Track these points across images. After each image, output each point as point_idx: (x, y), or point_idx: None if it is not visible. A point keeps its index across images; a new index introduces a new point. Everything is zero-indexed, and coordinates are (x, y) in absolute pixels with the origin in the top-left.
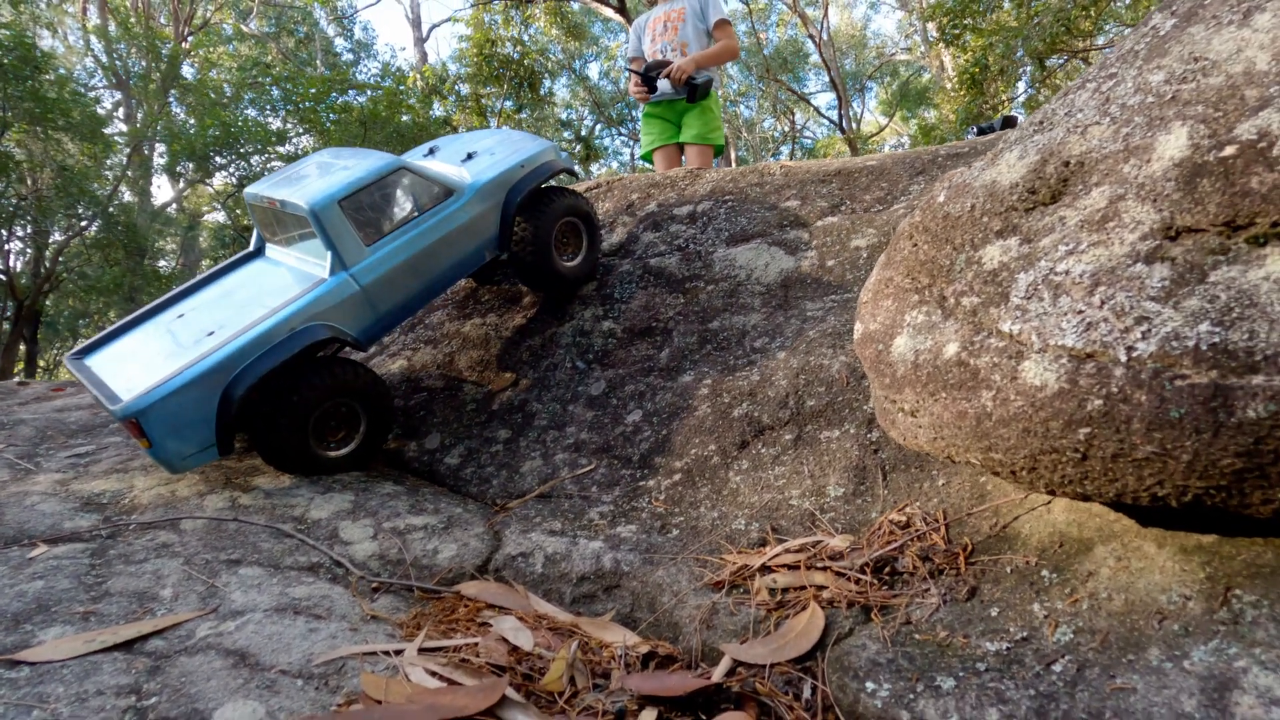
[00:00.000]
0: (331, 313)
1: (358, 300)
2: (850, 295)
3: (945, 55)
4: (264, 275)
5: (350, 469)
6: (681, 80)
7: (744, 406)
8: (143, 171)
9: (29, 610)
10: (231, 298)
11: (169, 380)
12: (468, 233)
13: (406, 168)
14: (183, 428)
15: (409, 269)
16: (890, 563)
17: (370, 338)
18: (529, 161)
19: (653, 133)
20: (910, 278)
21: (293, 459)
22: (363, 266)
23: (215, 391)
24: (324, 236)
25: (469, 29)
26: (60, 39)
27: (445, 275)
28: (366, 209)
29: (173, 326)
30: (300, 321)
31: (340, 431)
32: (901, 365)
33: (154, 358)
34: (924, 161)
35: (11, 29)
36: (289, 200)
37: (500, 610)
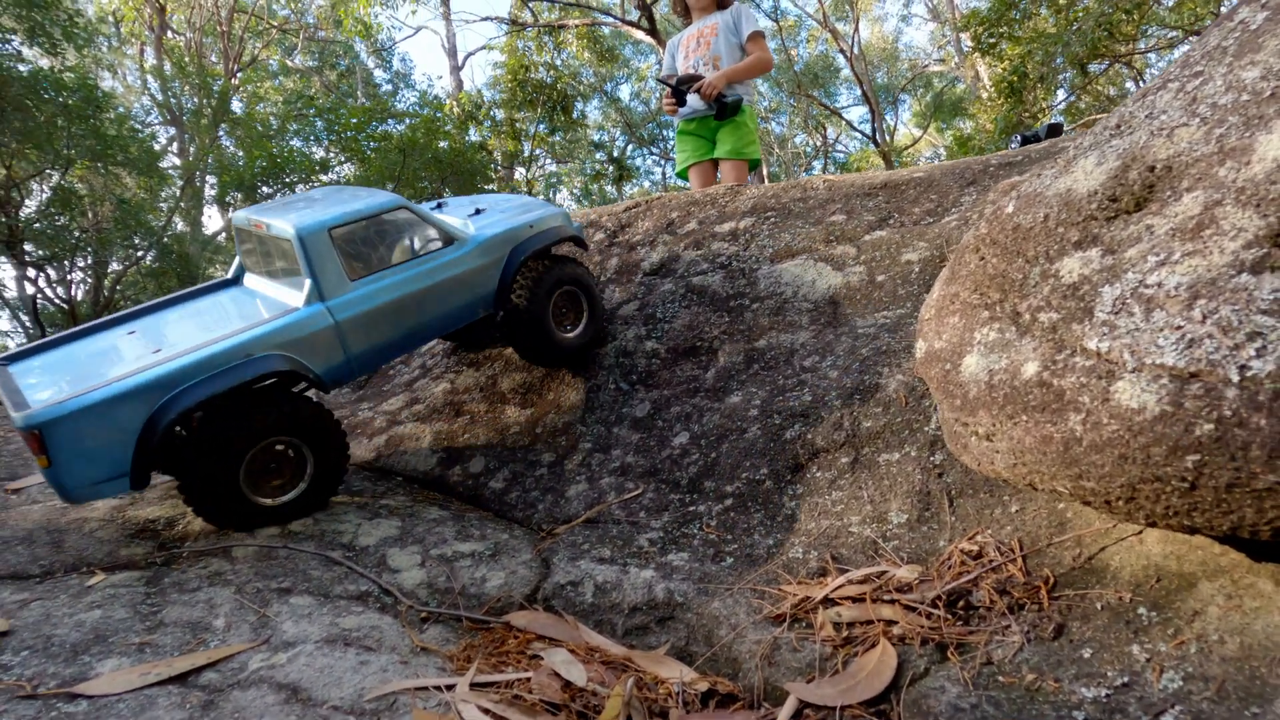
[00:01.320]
0: (298, 345)
1: (330, 336)
2: (903, 311)
3: (980, 65)
4: (236, 302)
5: (288, 520)
6: (712, 96)
7: (796, 428)
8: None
9: (87, 641)
10: (193, 320)
11: (90, 392)
12: (464, 285)
13: (408, 208)
14: (94, 449)
15: (393, 311)
16: (964, 596)
17: (335, 379)
18: (538, 223)
19: (687, 149)
20: (979, 293)
21: (219, 505)
22: (343, 300)
23: (142, 413)
24: (306, 263)
25: (503, 56)
26: (120, 79)
27: (431, 325)
28: (358, 242)
29: (120, 341)
30: (259, 349)
31: (281, 476)
32: (974, 386)
33: (83, 370)
34: (975, 171)
35: (76, 72)
36: (275, 224)
37: (551, 642)
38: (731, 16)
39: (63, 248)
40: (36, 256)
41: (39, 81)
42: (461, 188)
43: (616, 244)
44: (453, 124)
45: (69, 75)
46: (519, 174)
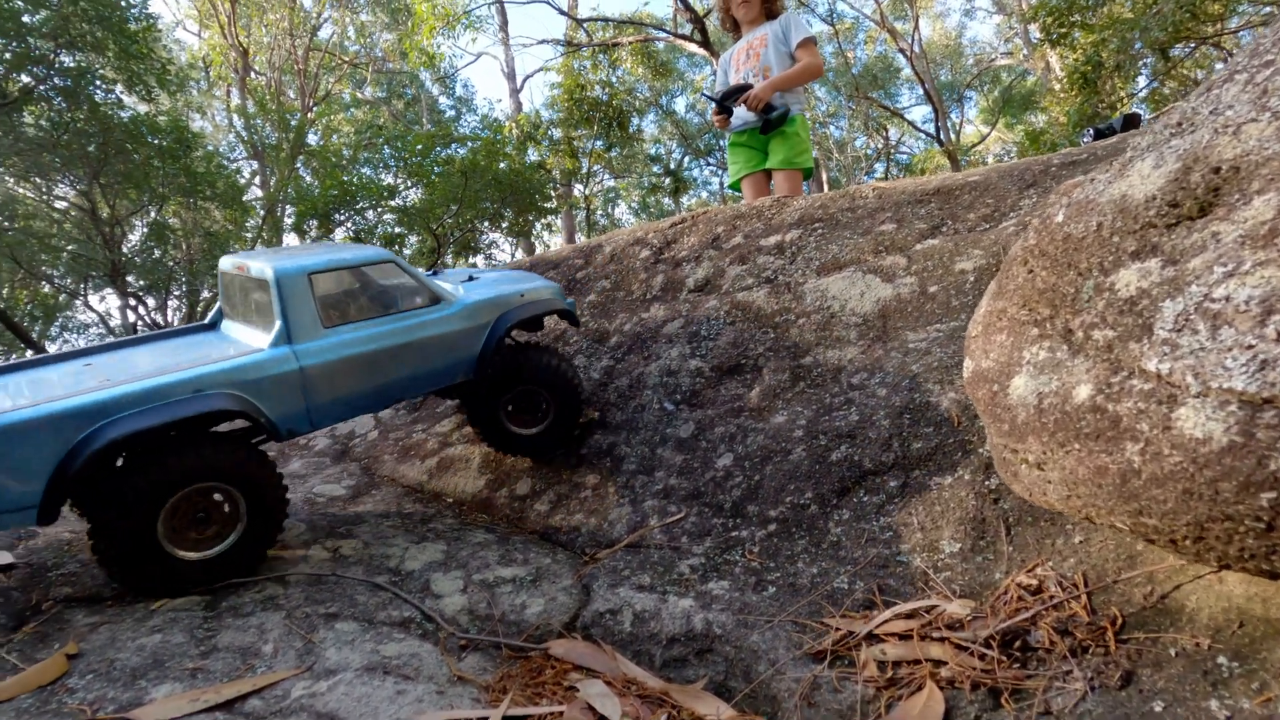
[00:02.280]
0: (255, 386)
1: (292, 381)
2: (957, 324)
3: (1051, 56)
4: (206, 344)
5: (213, 579)
6: (757, 107)
7: (843, 449)
8: (275, 231)
9: (145, 665)
10: (156, 357)
11: (8, 413)
12: (443, 346)
13: (395, 262)
14: (2, 474)
15: (365, 364)
16: (1021, 635)
17: (290, 428)
18: (530, 293)
19: (739, 161)
20: (1027, 308)
21: (131, 558)
22: (312, 346)
23: (64, 442)
24: (280, 304)
25: (559, 76)
26: (208, 119)
27: (405, 383)
28: (338, 290)
29: (72, 371)
30: (210, 386)
31: (210, 527)
32: (1022, 409)
33: (19, 392)
34: (1035, 173)
35: (169, 115)
36: (254, 266)
37: (588, 673)
38: (781, 26)
39: (159, 278)
40: (137, 287)
41: (137, 126)
42: (522, 207)
43: (662, 261)
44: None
45: (163, 119)
46: (577, 190)
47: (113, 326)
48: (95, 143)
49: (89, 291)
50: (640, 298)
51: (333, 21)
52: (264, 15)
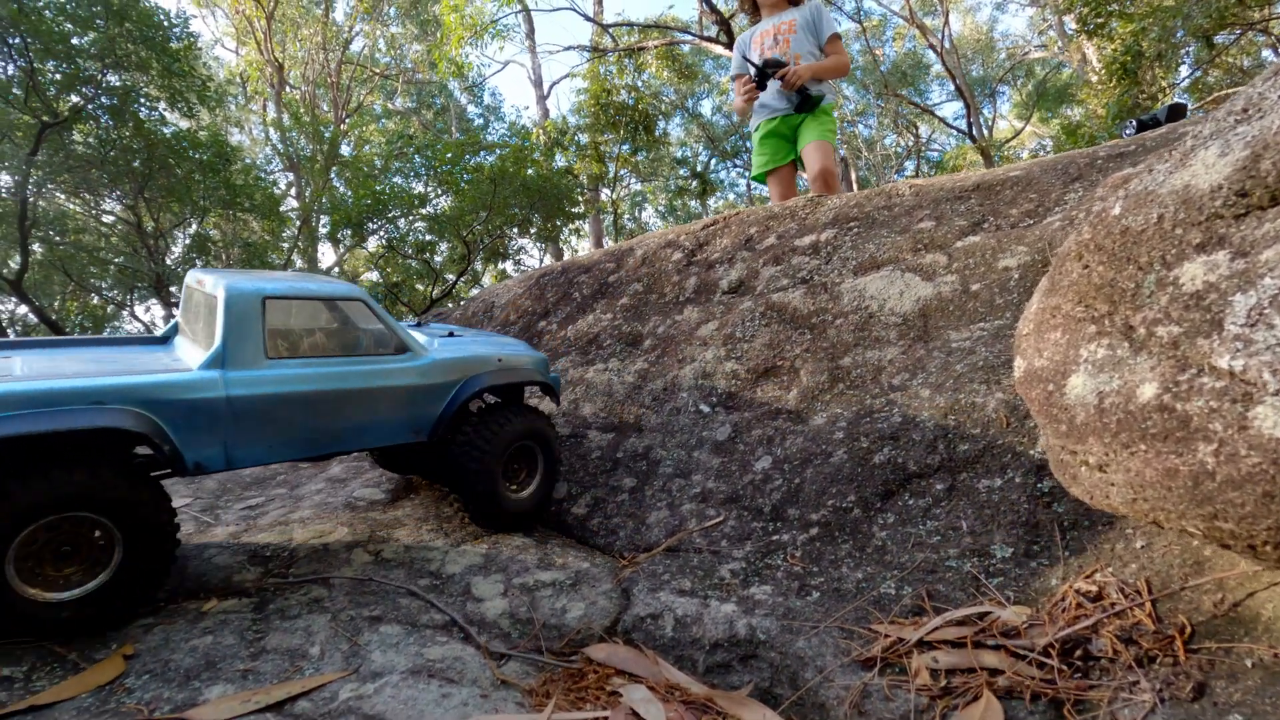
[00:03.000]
0: (169, 408)
1: (216, 412)
2: (1002, 322)
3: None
4: (142, 355)
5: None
6: (796, 85)
7: (886, 451)
8: (310, 240)
9: (198, 666)
10: (82, 360)
11: None
12: (399, 400)
13: (365, 303)
14: None
15: (303, 406)
16: (1082, 644)
17: (200, 463)
18: (508, 359)
19: (765, 153)
20: (1083, 305)
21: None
22: (247, 376)
23: None
24: (224, 325)
25: (586, 82)
26: (246, 133)
27: (346, 434)
28: (295, 322)
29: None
30: (115, 400)
31: (70, 565)
32: (1081, 409)
33: None
34: (1080, 166)
35: (209, 130)
36: (209, 282)
37: (630, 678)
38: (810, 14)
39: None
40: (179, 297)
41: (179, 142)
42: (550, 212)
43: (695, 263)
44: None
45: (203, 134)
46: (604, 195)
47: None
48: (140, 158)
49: (135, 302)
50: (673, 300)
51: (364, 35)
52: (298, 31)
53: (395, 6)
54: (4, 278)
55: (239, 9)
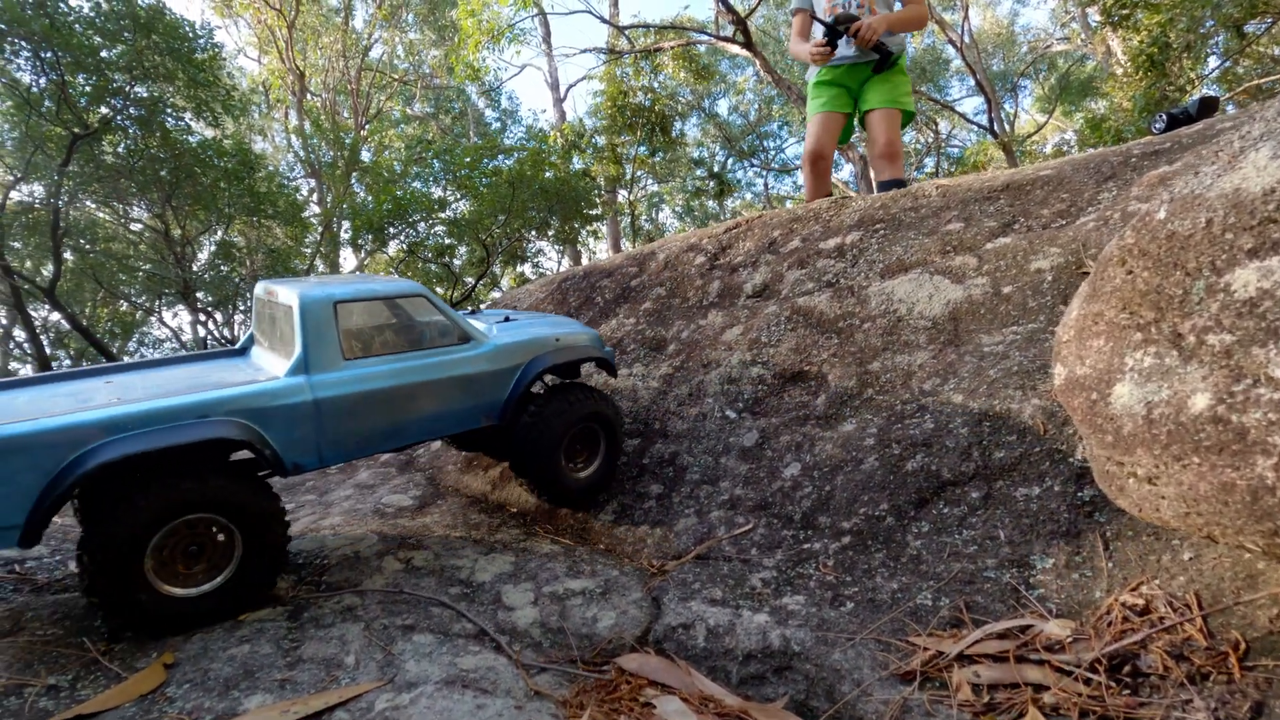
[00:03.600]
0: (265, 415)
1: (305, 414)
2: (1035, 326)
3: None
4: (227, 369)
5: (200, 622)
6: (871, 41)
7: (918, 458)
8: (332, 246)
9: (237, 676)
10: (172, 378)
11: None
12: (469, 388)
13: (427, 297)
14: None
15: (383, 401)
16: (1130, 660)
17: (297, 464)
18: (565, 338)
19: (823, 96)
20: (1128, 311)
21: (114, 588)
22: (329, 378)
23: (54, 461)
24: (302, 332)
25: (602, 84)
26: (269, 141)
27: (423, 424)
28: (365, 322)
29: (88, 388)
30: (219, 412)
31: (200, 562)
32: (1128, 420)
33: (28, 409)
34: (1113, 165)
35: (234, 139)
36: (283, 293)
37: (663, 689)
38: None
39: (226, 294)
40: (206, 303)
41: (205, 150)
42: (567, 214)
43: (718, 266)
44: (557, 154)
45: (228, 142)
46: (621, 196)
47: (184, 341)
48: (167, 168)
49: (163, 308)
50: (697, 304)
51: (383, 42)
52: (319, 39)
53: (413, 13)
54: (37, 285)
55: (261, 19)
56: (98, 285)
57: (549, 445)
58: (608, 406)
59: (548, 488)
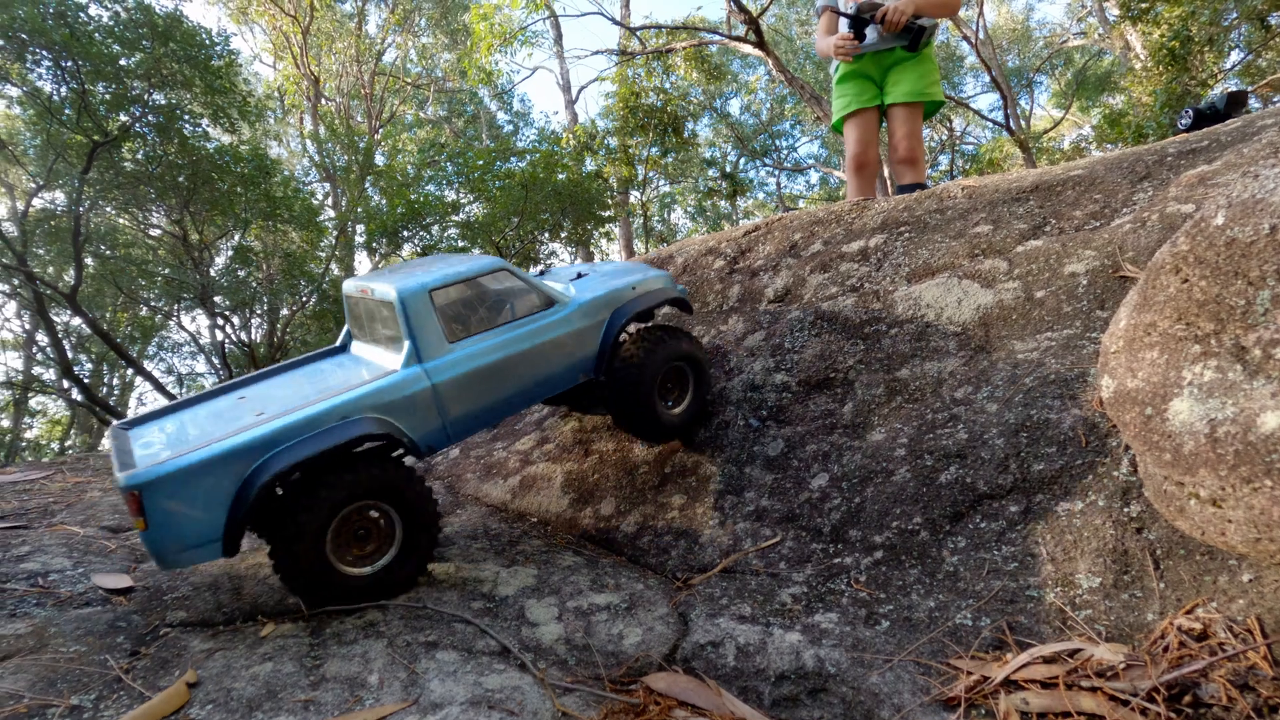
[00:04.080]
0: (394, 408)
1: (426, 400)
2: (1071, 332)
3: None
4: (339, 368)
5: (378, 595)
6: (900, 24)
7: (952, 470)
8: (347, 249)
9: (260, 696)
10: (296, 385)
11: (188, 454)
12: (563, 349)
13: (508, 269)
14: (189, 512)
15: (491, 375)
16: (1190, 689)
17: (430, 445)
18: (640, 284)
19: (848, 94)
20: (1184, 322)
21: (307, 573)
22: (441, 363)
23: (237, 476)
24: (406, 325)
25: (614, 85)
26: (284, 146)
27: (529, 389)
28: (458, 304)
29: (227, 408)
30: (355, 411)
31: (369, 544)
32: (1189, 438)
33: (190, 433)
34: (1147, 164)
35: (250, 144)
36: (379, 289)
37: (694, 710)
38: None
39: (244, 298)
40: (223, 307)
41: (222, 156)
42: (580, 216)
43: (737, 270)
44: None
45: (244, 148)
46: (634, 197)
47: (203, 345)
48: (185, 174)
49: (181, 313)
50: (717, 309)
51: (396, 46)
52: (333, 44)
53: (426, 17)
54: (60, 291)
55: (276, 25)
56: (118, 290)
57: (644, 389)
58: (692, 344)
59: (648, 429)
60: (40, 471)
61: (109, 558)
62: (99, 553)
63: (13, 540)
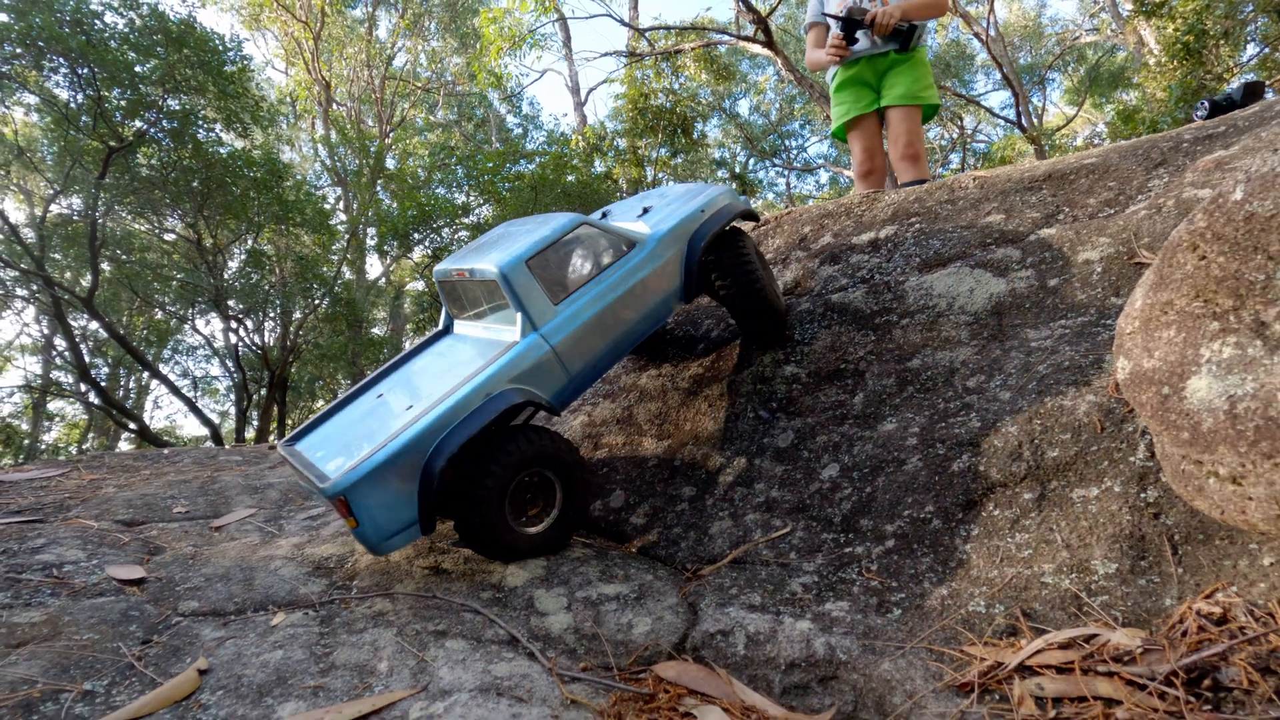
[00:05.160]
0: (525, 376)
1: (549, 362)
2: (1086, 319)
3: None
4: (454, 349)
5: (545, 550)
6: (889, 27)
7: (965, 458)
8: (358, 252)
9: (270, 682)
10: (425, 373)
11: (372, 456)
12: (653, 285)
13: (587, 222)
14: (387, 505)
15: (597, 326)
16: (1209, 673)
17: (562, 401)
18: (708, 206)
19: (846, 102)
20: (1201, 300)
21: (493, 536)
22: (552, 326)
23: (417, 466)
24: (513, 297)
25: (623, 87)
26: (296, 150)
27: (633, 330)
28: (553, 267)
29: (373, 407)
30: (495, 386)
31: (536, 505)
32: (1207, 415)
33: (357, 437)
34: (1163, 151)
35: (262, 149)
36: (477, 268)
37: (703, 698)
38: None
39: (257, 301)
40: (237, 310)
41: (235, 161)
42: None
43: None
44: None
45: (257, 153)
46: None
47: (217, 348)
48: (199, 178)
49: (196, 317)
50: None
51: (406, 51)
52: (343, 49)
53: (436, 22)
54: (77, 295)
55: (288, 31)
56: (134, 294)
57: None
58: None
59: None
60: (57, 469)
61: (122, 550)
62: (113, 545)
63: (28, 533)
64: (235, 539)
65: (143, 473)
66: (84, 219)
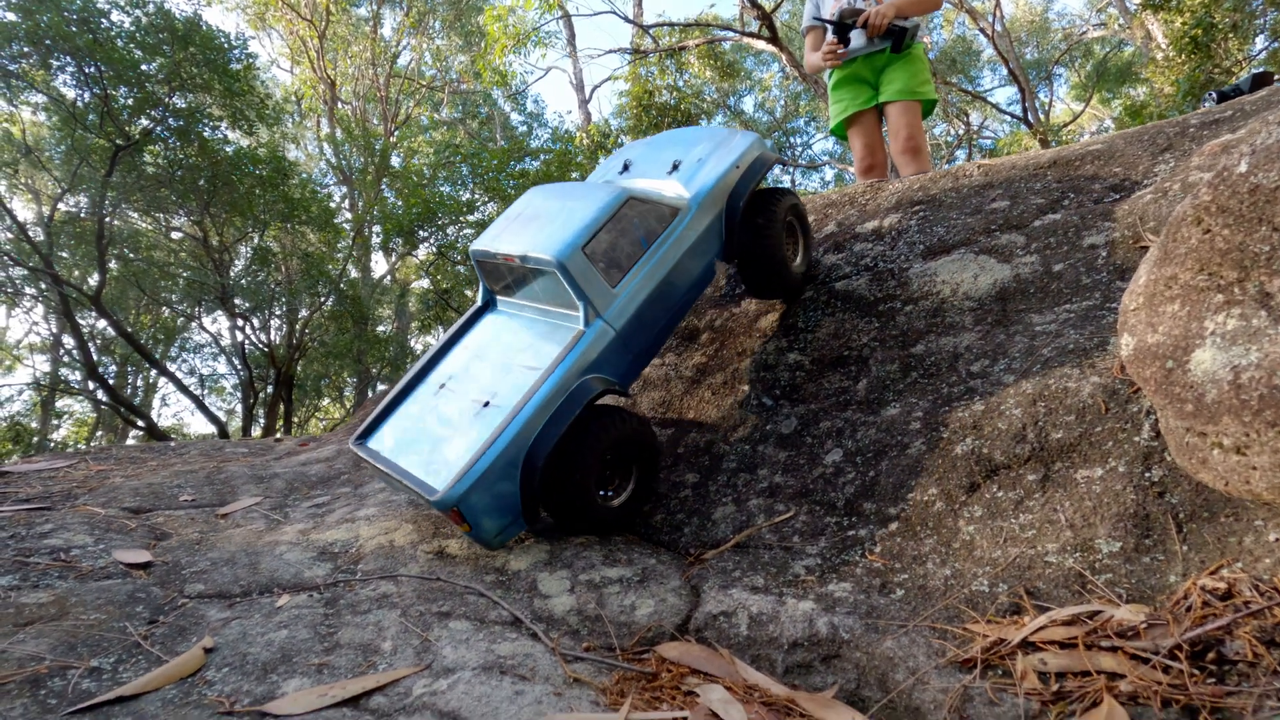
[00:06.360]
0: (596, 364)
1: (615, 345)
2: (1091, 303)
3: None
4: (509, 332)
5: (626, 521)
6: (882, 27)
7: (968, 441)
8: (363, 250)
9: (275, 660)
10: (486, 360)
11: (476, 463)
12: (698, 249)
13: (634, 197)
14: (495, 507)
15: (655, 301)
16: (1214, 646)
17: (628, 381)
18: (742, 161)
19: (844, 99)
20: (1206, 273)
21: (586, 514)
22: (614, 310)
23: (515, 465)
24: (574, 288)
25: (628, 84)
26: (301, 148)
27: (686, 299)
28: (606, 249)
29: (440, 399)
30: (572, 380)
31: (614, 482)
32: (1211, 387)
33: (440, 436)
34: (1169, 136)
35: (268, 147)
36: (531, 255)
37: (706, 677)
38: None
39: (263, 299)
40: (243, 308)
41: (241, 159)
42: None
43: None
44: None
45: (263, 151)
46: None
47: (224, 346)
48: (205, 176)
49: (202, 314)
50: (729, 291)
51: (411, 49)
52: (349, 48)
53: (440, 20)
54: (85, 294)
55: (293, 30)
56: (141, 292)
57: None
58: (797, 201)
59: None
60: (65, 461)
61: (129, 535)
62: (120, 531)
63: (36, 519)
64: (241, 526)
65: (150, 464)
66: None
